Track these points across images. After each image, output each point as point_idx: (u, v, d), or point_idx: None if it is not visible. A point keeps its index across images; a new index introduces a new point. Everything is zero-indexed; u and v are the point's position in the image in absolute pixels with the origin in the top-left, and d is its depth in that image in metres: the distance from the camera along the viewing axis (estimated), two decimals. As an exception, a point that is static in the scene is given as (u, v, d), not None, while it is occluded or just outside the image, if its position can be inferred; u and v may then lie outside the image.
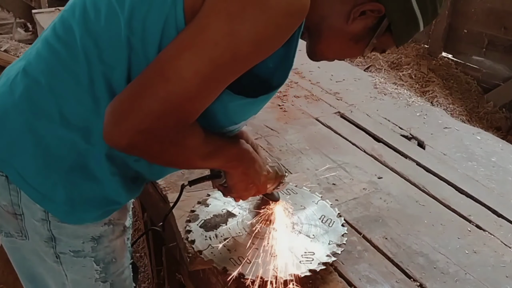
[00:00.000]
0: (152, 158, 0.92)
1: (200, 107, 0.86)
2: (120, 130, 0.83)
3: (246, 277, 1.14)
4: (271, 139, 1.92)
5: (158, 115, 0.81)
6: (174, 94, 0.81)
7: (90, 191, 0.99)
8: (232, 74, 0.84)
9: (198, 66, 0.80)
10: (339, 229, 1.32)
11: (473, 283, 1.27)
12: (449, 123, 2.16)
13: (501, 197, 1.65)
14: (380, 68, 4.50)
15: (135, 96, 0.82)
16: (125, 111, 0.82)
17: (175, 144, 0.88)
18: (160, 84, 0.81)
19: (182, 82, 0.80)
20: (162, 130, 0.83)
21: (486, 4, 4.25)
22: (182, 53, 0.80)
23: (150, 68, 0.83)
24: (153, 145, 0.86)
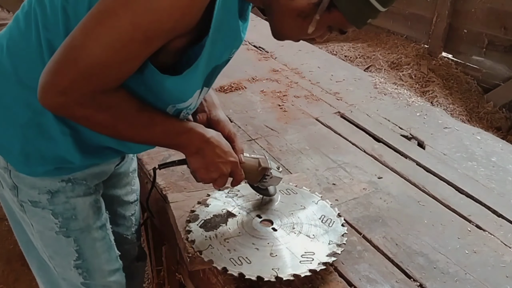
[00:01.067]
0: (81, 122, 0.98)
1: (113, 75, 0.90)
2: (45, 91, 0.90)
3: (246, 277, 1.14)
4: (271, 139, 1.92)
5: (72, 78, 0.88)
6: (82, 59, 0.87)
7: (43, 147, 1.09)
8: (139, 43, 0.87)
9: (100, 34, 0.86)
10: (339, 229, 1.32)
11: (473, 283, 1.27)
12: (449, 123, 2.16)
13: (501, 197, 1.65)
14: (380, 68, 4.50)
15: (55, 59, 0.89)
16: (49, 73, 0.89)
17: (97, 109, 0.94)
18: (72, 49, 0.87)
19: (88, 50, 0.86)
20: (78, 92, 0.89)
21: (486, 4, 4.25)
22: (89, 21, 0.87)
23: (69, 35, 0.89)
24: (74, 108, 0.92)
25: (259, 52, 2.87)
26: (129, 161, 1.45)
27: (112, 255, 1.33)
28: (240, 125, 2.01)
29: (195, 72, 0.98)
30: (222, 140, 1.15)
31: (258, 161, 1.26)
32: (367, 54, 4.75)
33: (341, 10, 0.95)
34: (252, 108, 2.17)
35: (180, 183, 1.57)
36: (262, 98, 2.28)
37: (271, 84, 2.43)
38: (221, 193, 1.44)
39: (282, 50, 2.89)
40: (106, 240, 1.30)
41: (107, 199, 1.35)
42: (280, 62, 2.73)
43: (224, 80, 2.42)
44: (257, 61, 2.74)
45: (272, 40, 1.04)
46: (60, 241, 1.22)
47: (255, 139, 1.91)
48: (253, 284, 1.17)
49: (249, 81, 2.45)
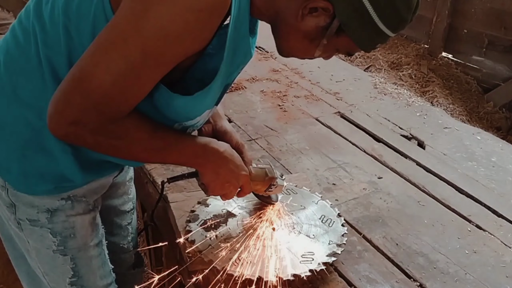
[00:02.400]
0: (93, 148, 0.95)
1: (125, 103, 0.89)
2: (56, 121, 0.88)
3: (246, 277, 1.14)
4: (271, 139, 1.92)
5: (83, 108, 0.86)
6: (93, 90, 0.85)
7: (43, 166, 1.05)
8: (150, 69, 0.86)
9: (110, 64, 0.84)
10: (339, 229, 1.32)
11: (473, 283, 1.27)
12: (449, 123, 2.16)
13: (501, 197, 1.64)
14: (380, 68, 4.50)
15: (65, 89, 0.86)
16: (58, 103, 0.87)
17: (109, 137, 0.92)
18: (82, 80, 0.85)
19: (99, 81, 0.84)
20: (89, 122, 0.87)
21: (486, 4, 4.25)
22: (98, 50, 0.84)
23: (76, 63, 0.87)
24: (86, 137, 0.90)
25: (259, 52, 2.87)
26: (126, 170, 1.42)
27: (106, 270, 1.29)
28: (240, 125, 2.01)
29: (208, 93, 0.96)
30: (234, 153, 1.13)
31: (265, 171, 1.25)
32: (367, 54, 4.74)
33: (350, 35, 0.93)
34: (252, 108, 2.17)
35: (180, 183, 1.57)
36: (262, 98, 2.28)
37: (271, 84, 2.43)
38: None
39: (282, 50, 2.88)
40: (101, 256, 1.26)
41: (103, 209, 1.31)
42: (280, 62, 2.73)
43: (224, 80, 2.42)
44: (257, 61, 2.74)
45: (272, 40, 1.04)
46: (57, 259, 1.18)
47: (255, 139, 1.91)
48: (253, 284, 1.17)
49: (249, 81, 2.45)
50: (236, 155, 1.13)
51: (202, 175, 1.11)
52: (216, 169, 1.09)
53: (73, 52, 0.93)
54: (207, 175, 1.10)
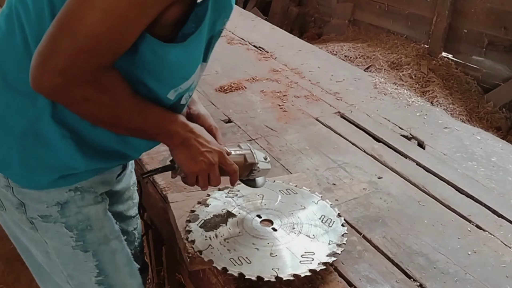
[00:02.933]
0: (78, 108, 0.93)
1: (114, 47, 0.87)
2: (41, 73, 0.85)
3: (246, 277, 1.14)
4: (271, 139, 1.92)
5: (70, 54, 0.83)
6: (81, 30, 0.82)
7: (44, 156, 1.03)
8: (138, 9, 0.84)
9: (98, 2, 0.81)
10: (339, 229, 1.32)
11: (473, 283, 1.27)
12: (449, 123, 2.16)
13: (501, 197, 1.64)
14: (380, 68, 4.49)
15: (51, 38, 0.84)
16: (44, 54, 0.84)
17: (97, 89, 0.89)
18: (68, 22, 0.83)
19: (86, 19, 0.82)
20: (77, 69, 0.85)
21: (486, 4, 4.25)
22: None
23: (60, 10, 0.84)
24: (73, 90, 0.87)
25: (259, 52, 2.86)
26: (129, 174, 1.40)
27: (133, 268, 1.27)
28: (240, 125, 2.01)
29: (199, 40, 0.95)
30: (204, 131, 1.12)
31: (244, 156, 1.22)
32: (367, 54, 4.75)
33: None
34: (252, 108, 2.17)
35: (180, 183, 1.56)
36: (262, 98, 2.28)
37: (271, 84, 2.43)
38: (221, 193, 1.44)
39: (282, 50, 2.89)
40: (125, 252, 1.24)
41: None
42: (280, 62, 2.73)
43: (224, 80, 2.42)
44: (257, 61, 2.74)
45: (272, 40, 1.03)
46: (78, 256, 1.15)
47: (255, 139, 1.91)
48: (253, 284, 1.17)
49: (249, 81, 2.45)
50: (206, 133, 1.12)
51: (175, 153, 1.09)
52: (186, 144, 1.07)
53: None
54: (178, 152, 1.08)
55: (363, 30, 5.36)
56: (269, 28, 3.36)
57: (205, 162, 1.10)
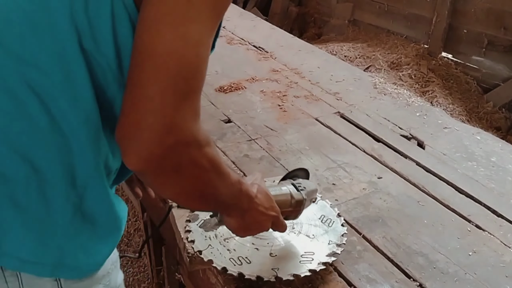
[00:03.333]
0: (181, 174, 0.75)
1: (204, 75, 0.75)
2: (145, 141, 0.68)
3: (246, 277, 1.14)
4: (271, 139, 1.92)
5: (174, 102, 0.68)
6: (180, 73, 0.69)
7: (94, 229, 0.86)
8: (215, 23, 0.73)
9: (186, 35, 0.68)
10: (339, 229, 1.32)
11: (473, 283, 1.27)
12: (449, 123, 2.16)
13: (501, 197, 1.65)
14: (380, 68, 4.50)
15: (145, 93, 0.67)
16: (143, 115, 0.68)
17: (204, 144, 0.75)
18: (164, 68, 0.67)
19: (183, 58, 0.69)
20: (186, 121, 0.70)
21: (486, 4, 4.25)
22: (163, 27, 0.68)
23: (137, 63, 0.69)
24: (184, 149, 0.72)
25: (259, 52, 2.86)
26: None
27: None
28: (240, 125, 2.01)
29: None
30: (265, 194, 1.02)
31: (289, 198, 1.15)
32: (367, 54, 4.75)
33: None
34: (252, 108, 2.17)
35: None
36: (262, 98, 2.28)
37: (271, 84, 2.43)
38: None
39: (282, 50, 2.89)
40: None
41: None
42: (280, 62, 2.73)
43: (224, 80, 2.42)
44: (257, 61, 2.74)
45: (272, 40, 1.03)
46: None
47: (255, 139, 1.91)
48: (253, 284, 1.17)
49: (249, 81, 2.45)
50: (266, 197, 1.02)
51: (228, 220, 1.00)
52: (243, 215, 0.98)
53: (96, 74, 0.74)
54: (233, 221, 0.99)
55: (363, 30, 5.36)
56: (269, 28, 3.36)
57: (257, 229, 1.05)
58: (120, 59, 0.74)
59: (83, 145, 0.77)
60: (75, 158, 0.78)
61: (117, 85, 0.77)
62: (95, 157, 0.79)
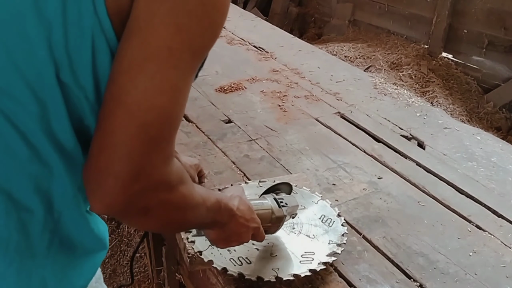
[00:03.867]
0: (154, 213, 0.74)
1: (176, 129, 0.72)
2: (112, 187, 0.67)
3: (246, 277, 1.14)
4: (271, 139, 1.92)
5: (144, 150, 0.67)
6: (152, 121, 0.67)
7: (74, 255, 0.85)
8: (194, 69, 0.72)
9: (162, 82, 0.67)
10: (339, 228, 1.32)
11: (473, 283, 1.27)
12: (449, 123, 2.16)
13: (501, 197, 1.64)
14: (380, 68, 4.49)
15: (113, 141, 0.67)
16: (111, 161, 0.67)
17: (176, 184, 0.74)
18: (135, 116, 0.66)
19: (156, 106, 0.67)
20: (153, 168, 0.69)
21: (486, 4, 4.25)
22: (137, 73, 0.66)
23: (110, 107, 0.67)
24: (151, 193, 0.71)
25: (259, 52, 2.87)
26: None
27: None
28: (240, 125, 2.01)
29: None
30: (245, 204, 1.03)
31: (269, 214, 1.15)
32: (367, 54, 4.75)
33: None
34: (252, 108, 2.17)
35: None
36: (262, 98, 2.28)
37: (271, 84, 2.43)
38: None
39: (282, 50, 2.89)
40: None
41: None
42: (280, 62, 2.73)
43: (224, 80, 2.42)
44: (257, 61, 2.74)
45: (272, 40, 1.04)
46: None
47: (255, 139, 1.91)
48: (253, 284, 1.17)
49: (249, 81, 2.45)
50: (247, 206, 1.04)
51: (208, 232, 1.01)
52: (223, 227, 0.99)
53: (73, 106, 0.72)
54: (213, 232, 1.00)
55: (363, 30, 5.36)
56: (269, 29, 3.37)
57: (238, 241, 1.05)
58: (99, 92, 0.72)
59: (62, 173, 0.75)
60: (53, 185, 0.76)
61: (94, 117, 0.74)
62: (73, 183, 0.78)
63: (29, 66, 0.68)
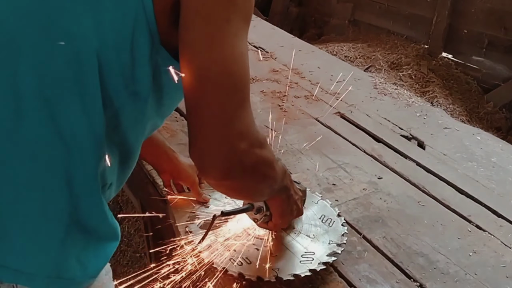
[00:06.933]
0: (257, 169, 0.85)
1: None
2: (223, 148, 0.77)
3: (246, 277, 1.14)
4: (271, 140, 1.92)
5: (242, 110, 0.79)
6: (239, 85, 0.78)
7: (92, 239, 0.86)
8: (246, 35, 0.81)
9: (231, 50, 0.76)
10: (339, 228, 1.32)
11: (473, 283, 1.27)
12: (449, 123, 2.16)
13: (501, 197, 1.64)
14: (380, 68, 4.49)
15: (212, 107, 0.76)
16: (216, 126, 0.76)
17: (264, 143, 0.85)
18: (227, 81, 0.76)
19: (240, 73, 0.77)
20: (250, 125, 0.81)
21: (486, 4, 4.25)
22: (208, 48, 0.75)
23: (192, 92, 0.76)
24: (254, 151, 0.81)
25: (259, 52, 2.86)
26: None
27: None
28: (240, 125, 2.01)
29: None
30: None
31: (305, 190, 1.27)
32: (367, 54, 4.75)
33: None
34: (252, 108, 2.16)
35: (180, 183, 1.57)
36: (262, 99, 2.28)
37: (271, 84, 2.43)
38: (221, 194, 1.44)
39: (282, 50, 2.88)
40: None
41: None
42: (280, 62, 2.73)
43: (224, 80, 2.42)
44: (257, 61, 2.74)
45: (272, 40, 1.04)
46: None
47: (255, 139, 1.91)
48: (253, 284, 1.17)
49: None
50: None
51: (276, 205, 1.07)
52: (288, 194, 1.06)
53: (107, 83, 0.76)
54: (282, 204, 1.07)
55: (363, 30, 5.36)
56: (269, 28, 3.36)
57: (296, 211, 1.15)
58: (134, 68, 0.78)
59: (84, 155, 0.78)
60: (75, 168, 0.78)
61: (126, 94, 0.79)
62: (94, 167, 0.80)
63: (69, 39, 0.72)
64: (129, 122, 0.83)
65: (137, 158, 0.94)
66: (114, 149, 0.84)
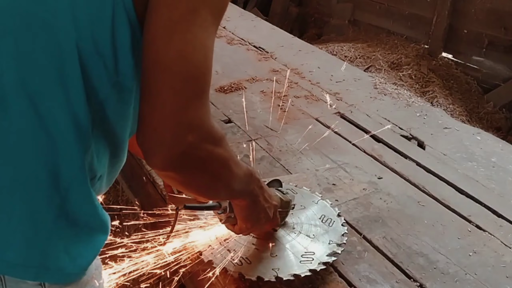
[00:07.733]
0: (202, 164, 0.81)
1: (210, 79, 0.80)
2: (168, 138, 0.74)
3: (246, 277, 1.14)
4: (271, 139, 1.92)
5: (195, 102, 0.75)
6: (203, 74, 0.76)
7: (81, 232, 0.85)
8: (216, 28, 0.80)
9: (194, 41, 0.75)
10: (339, 228, 1.32)
11: (473, 283, 1.27)
12: (449, 123, 2.16)
13: (501, 197, 1.64)
14: (380, 68, 4.49)
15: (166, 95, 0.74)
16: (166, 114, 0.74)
17: (217, 139, 0.81)
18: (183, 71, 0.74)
19: (195, 61, 0.75)
20: (202, 119, 0.76)
21: (486, 4, 4.24)
22: (171, 34, 0.73)
23: (147, 75, 0.74)
24: (202, 144, 0.78)
25: (259, 52, 2.86)
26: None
27: None
28: (240, 125, 2.01)
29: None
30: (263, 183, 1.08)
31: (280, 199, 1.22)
32: (367, 54, 4.74)
33: None
34: (252, 108, 2.17)
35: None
36: (262, 98, 2.28)
37: (271, 84, 2.43)
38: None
39: (282, 50, 2.89)
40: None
41: None
42: (280, 62, 2.73)
43: (224, 80, 2.42)
44: (257, 61, 2.74)
45: (272, 40, 1.04)
46: None
47: (255, 139, 1.91)
48: (253, 284, 1.17)
49: (249, 81, 2.45)
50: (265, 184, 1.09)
51: (239, 209, 1.04)
52: (256, 200, 1.03)
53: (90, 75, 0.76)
54: (245, 208, 1.04)
55: (363, 30, 5.36)
56: (269, 29, 3.36)
57: (265, 219, 1.10)
58: (117, 61, 0.77)
59: (69, 147, 0.77)
60: (60, 159, 0.77)
61: (110, 86, 0.79)
62: (80, 159, 0.79)
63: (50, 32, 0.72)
64: (115, 113, 0.83)
65: (127, 150, 0.94)
66: (102, 140, 0.84)
